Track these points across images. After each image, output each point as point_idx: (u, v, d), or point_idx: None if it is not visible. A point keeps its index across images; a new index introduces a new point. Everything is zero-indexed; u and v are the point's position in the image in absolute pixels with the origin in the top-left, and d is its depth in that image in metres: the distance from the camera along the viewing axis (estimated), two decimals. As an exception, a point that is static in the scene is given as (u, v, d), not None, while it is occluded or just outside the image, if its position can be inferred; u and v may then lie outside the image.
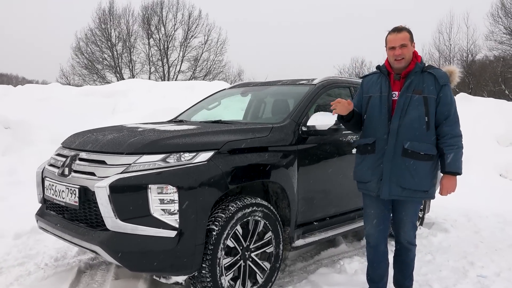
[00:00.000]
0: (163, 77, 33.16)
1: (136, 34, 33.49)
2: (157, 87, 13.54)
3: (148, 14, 33.45)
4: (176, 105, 11.24)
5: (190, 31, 33.74)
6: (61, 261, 3.87)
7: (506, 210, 6.36)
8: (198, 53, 33.80)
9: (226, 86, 14.56)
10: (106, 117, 10.67)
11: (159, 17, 33.63)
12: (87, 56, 32.02)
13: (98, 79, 31.95)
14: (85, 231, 2.82)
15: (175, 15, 33.68)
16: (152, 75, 33.40)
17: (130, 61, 33.36)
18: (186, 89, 13.44)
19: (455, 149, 2.81)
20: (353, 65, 32.78)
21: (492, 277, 3.75)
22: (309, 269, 3.93)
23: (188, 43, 33.84)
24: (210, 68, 33.88)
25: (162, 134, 3.00)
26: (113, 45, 32.83)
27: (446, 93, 2.83)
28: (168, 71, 33.85)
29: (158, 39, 33.75)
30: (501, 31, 27.99)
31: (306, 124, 3.53)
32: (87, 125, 9.95)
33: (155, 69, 33.92)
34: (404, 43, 2.83)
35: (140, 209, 2.65)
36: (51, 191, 3.10)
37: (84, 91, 12.49)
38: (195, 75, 33.48)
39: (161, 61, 33.96)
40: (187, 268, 2.71)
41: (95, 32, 32.41)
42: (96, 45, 32.39)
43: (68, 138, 3.44)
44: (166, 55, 33.91)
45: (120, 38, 33.07)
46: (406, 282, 3.15)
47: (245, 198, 3.04)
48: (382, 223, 3.06)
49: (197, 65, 33.85)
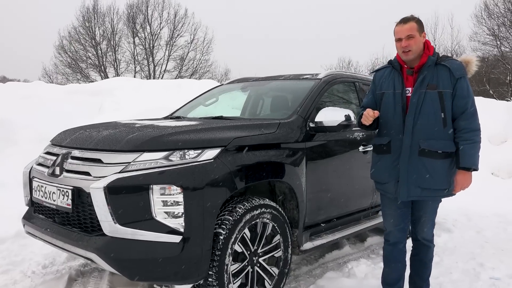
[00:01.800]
0: (149, 76, 32.67)
1: (121, 32, 32.98)
2: (144, 86, 13.21)
3: (133, 13, 32.94)
4: (165, 104, 10.96)
5: (176, 30, 33.34)
6: (50, 268, 3.60)
7: (505, 209, 6.27)
8: (184, 52, 33.46)
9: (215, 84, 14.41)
10: (92, 116, 10.32)
11: (145, 16, 33.14)
12: (71, 55, 31.35)
13: (82, 78, 31.29)
14: (79, 237, 2.56)
15: (161, 13, 33.25)
16: (138, 74, 32.93)
17: (114, 60, 32.79)
18: (174, 88, 13.14)
19: (472, 143, 2.65)
20: (340, 64, 32.71)
21: (506, 279, 3.61)
22: (315, 273, 3.73)
23: (174, 42, 33.46)
24: (196, 68, 33.56)
25: (163, 130, 2.76)
26: (98, 43, 32.21)
27: (463, 86, 2.66)
28: (154, 70, 33.38)
29: (144, 38, 33.28)
30: (484, 32, 28.26)
31: (314, 120, 3.33)
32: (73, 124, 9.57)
33: (141, 68, 33.46)
34: (411, 34, 2.67)
35: (141, 212, 2.41)
36: (40, 192, 2.83)
37: (69, 89, 12.10)
38: (181, 74, 33.07)
39: (146, 60, 33.47)
40: (193, 276, 2.48)
41: (78, 30, 31.78)
42: (80, 43, 31.74)
43: (58, 135, 3.17)
44: (151, 54, 33.43)
45: (105, 36, 32.50)
46: (424, 286, 2.98)
47: (253, 199, 2.82)
48: (402, 221, 2.91)
49: (183, 64, 33.48)
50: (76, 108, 10.52)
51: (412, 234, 2.99)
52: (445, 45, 30.62)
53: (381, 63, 29.20)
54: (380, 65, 2.98)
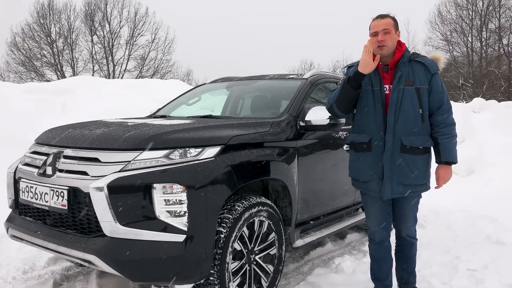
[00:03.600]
0: (108, 75, 31.75)
1: (78, 30, 31.87)
2: (108, 85, 12.85)
3: (91, 10, 31.91)
4: (131, 103, 10.75)
5: (136, 29, 32.59)
6: (30, 273, 3.44)
7: (468, 205, 6.59)
8: (145, 52, 32.78)
9: (181, 85, 14.22)
10: (56, 115, 9.94)
11: (103, 14, 32.19)
12: (24, 53, 29.92)
13: (36, 77, 29.97)
14: (75, 239, 2.47)
15: (121, 12, 32.40)
16: (96, 73, 31.92)
17: (72, 58, 31.66)
18: (139, 87, 12.87)
19: (450, 137, 2.75)
20: (302, 66, 33.23)
21: (481, 270, 3.80)
22: (303, 270, 3.78)
23: (135, 41, 32.70)
24: (157, 67, 32.98)
25: (161, 128, 2.71)
26: (53, 41, 30.97)
27: (437, 82, 2.74)
28: (113, 70, 32.50)
29: (103, 36, 32.32)
30: (438, 37, 29.65)
31: (304, 119, 3.38)
32: (38, 124, 9.25)
33: (99, 67, 32.46)
34: (387, 28, 2.68)
35: (144, 212, 2.36)
36: (29, 194, 2.70)
37: (28, 88, 11.57)
38: (142, 74, 32.40)
39: (105, 59, 32.52)
40: (196, 276, 2.45)
41: (33, 27, 30.39)
42: (35, 40, 30.39)
43: (44, 134, 3.04)
44: (111, 53, 32.53)
45: (61, 34, 31.29)
46: (411, 278, 3.09)
47: (250, 197, 2.83)
48: (385, 220, 2.97)
49: (144, 64, 32.81)
50: (38, 107, 10.08)
51: (396, 232, 3.05)
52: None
53: (341, 65, 29.92)
54: (353, 62, 2.98)
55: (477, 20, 28.27)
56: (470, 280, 3.56)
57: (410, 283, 3.11)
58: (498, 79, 26.52)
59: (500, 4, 27.02)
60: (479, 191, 7.93)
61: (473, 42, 28.60)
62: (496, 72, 26.60)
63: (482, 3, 27.88)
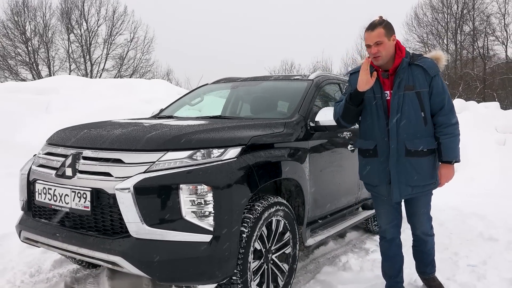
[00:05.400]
0: (86, 75, 31.14)
1: (54, 28, 31.15)
2: (92, 85, 12.65)
3: (67, 8, 31.25)
4: (118, 104, 10.61)
5: (114, 27, 32.09)
6: (37, 277, 3.38)
7: (456, 203, 6.80)
8: (124, 51, 32.30)
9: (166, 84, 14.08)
10: (39, 116, 9.74)
11: (81, 12, 31.58)
12: (-3, 51, 29.09)
13: (10, 76, 29.14)
14: (99, 241, 2.45)
15: (98, 10, 31.81)
16: (73, 73, 31.22)
17: (47, 57, 30.90)
18: (123, 88, 12.72)
19: (452, 137, 2.79)
20: (283, 67, 33.40)
21: (481, 266, 3.93)
22: (310, 268, 3.84)
23: (113, 40, 32.19)
24: (136, 67, 32.55)
25: (182, 129, 2.71)
26: (28, 39, 30.17)
27: (438, 83, 2.78)
28: (91, 69, 31.92)
29: (80, 35, 31.70)
30: (415, 39, 30.32)
31: (314, 119, 3.43)
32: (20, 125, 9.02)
33: (76, 66, 31.81)
34: (379, 40, 2.70)
35: (170, 212, 2.36)
36: (46, 195, 2.66)
37: (9, 87, 11.31)
38: (120, 74, 31.92)
39: (83, 58, 31.91)
40: (221, 275, 2.47)
41: (7, 24, 29.53)
42: (9, 38, 29.54)
43: (57, 135, 2.99)
44: (88, 52, 31.93)
45: (36, 32, 30.53)
46: (428, 269, 3.19)
47: (268, 197, 2.86)
48: (395, 218, 3.06)
49: (123, 63, 32.33)
50: (20, 107, 9.85)
51: (411, 229, 3.15)
52: (380, 51, 32.26)
53: (321, 66, 30.26)
54: (354, 68, 3.04)
55: (452, 23, 29.06)
56: (472, 276, 3.68)
57: (428, 273, 3.22)
58: (473, 81, 27.31)
59: (474, 8, 27.86)
60: (463, 189, 8.15)
61: (449, 45, 29.39)
62: (472, 74, 27.40)
63: (457, 6, 28.70)
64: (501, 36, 27.39)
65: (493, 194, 7.65)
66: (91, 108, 10.14)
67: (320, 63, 30.57)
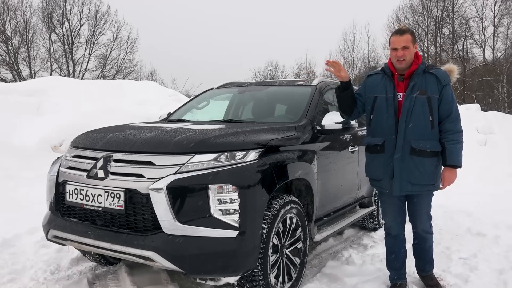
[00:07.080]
0: (68, 75, 30.79)
1: (35, 27, 30.72)
2: (82, 86, 12.65)
3: (49, 7, 30.86)
4: (111, 105, 10.67)
5: (97, 27, 31.83)
6: (58, 274, 3.53)
7: (442, 201, 7.09)
8: (107, 51, 32.07)
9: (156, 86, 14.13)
10: (31, 118, 9.73)
11: (63, 11, 31.20)
12: (-23, 50, 28.55)
13: (-10, 76, 28.64)
14: (132, 237, 2.63)
15: (81, 9, 31.50)
16: (55, 73, 30.84)
17: (28, 56, 30.44)
18: (114, 89, 12.76)
19: (456, 143, 3.05)
20: (267, 68, 33.75)
21: (472, 259, 4.23)
22: (314, 263, 4.08)
23: (96, 40, 31.93)
24: (120, 67, 32.34)
25: (206, 133, 2.92)
26: (8, 38, 29.68)
27: (448, 92, 3.04)
28: (74, 69, 31.56)
29: (62, 34, 31.32)
30: (396, 42, 30.92)
31: (320, 123, 3.67)
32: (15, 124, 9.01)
33: (58, 66, 31.43)
34: (406, 45, 2.97)
35: (200, 210, 2.57)
36: (78, 196, 2.82)
37: (-2, 88, 11.20)
38: (103, 74, 31.68)
39: (65, 57, 31.54)
40: (244, 268, 2.68)
41: (-14, 23, 29.03)
42: (-12, 37, 29.03)
43: (82, 139, 3.15)
44: (70, 52, 31.58)
45: (17, 31, 30.05)
46: (427, 267, 3.45)
47: (283, 196, 3.08)
48: (400, 215, 3.32)
49: (106, 63, 32.08)
50: (10, 108, 9.83)
51: (412, 226, 3.40)
52: (363, 52, 32.99)
53: (305, 67, 30.66)
54: (372, 71, 3.34)
55: (432, 26, 29.82)
56: (464, 268, 3.97)
57: (426, 271, 3.47)
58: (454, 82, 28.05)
59: (453, 11, 28.64)
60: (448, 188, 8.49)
61: (429, 47, 30.14)
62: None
63: (437, 9, 29.45)
64: (479, 39, 28.30)
65: (476, 193, 8.02)
66: (83, 109, 10.18)
67: (304, 64, 31.00)
